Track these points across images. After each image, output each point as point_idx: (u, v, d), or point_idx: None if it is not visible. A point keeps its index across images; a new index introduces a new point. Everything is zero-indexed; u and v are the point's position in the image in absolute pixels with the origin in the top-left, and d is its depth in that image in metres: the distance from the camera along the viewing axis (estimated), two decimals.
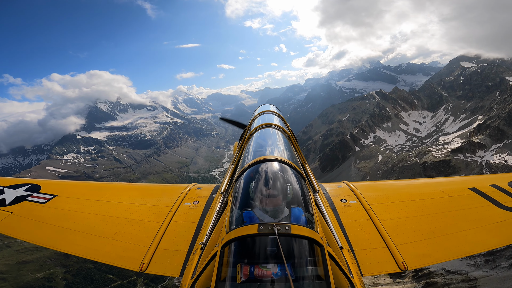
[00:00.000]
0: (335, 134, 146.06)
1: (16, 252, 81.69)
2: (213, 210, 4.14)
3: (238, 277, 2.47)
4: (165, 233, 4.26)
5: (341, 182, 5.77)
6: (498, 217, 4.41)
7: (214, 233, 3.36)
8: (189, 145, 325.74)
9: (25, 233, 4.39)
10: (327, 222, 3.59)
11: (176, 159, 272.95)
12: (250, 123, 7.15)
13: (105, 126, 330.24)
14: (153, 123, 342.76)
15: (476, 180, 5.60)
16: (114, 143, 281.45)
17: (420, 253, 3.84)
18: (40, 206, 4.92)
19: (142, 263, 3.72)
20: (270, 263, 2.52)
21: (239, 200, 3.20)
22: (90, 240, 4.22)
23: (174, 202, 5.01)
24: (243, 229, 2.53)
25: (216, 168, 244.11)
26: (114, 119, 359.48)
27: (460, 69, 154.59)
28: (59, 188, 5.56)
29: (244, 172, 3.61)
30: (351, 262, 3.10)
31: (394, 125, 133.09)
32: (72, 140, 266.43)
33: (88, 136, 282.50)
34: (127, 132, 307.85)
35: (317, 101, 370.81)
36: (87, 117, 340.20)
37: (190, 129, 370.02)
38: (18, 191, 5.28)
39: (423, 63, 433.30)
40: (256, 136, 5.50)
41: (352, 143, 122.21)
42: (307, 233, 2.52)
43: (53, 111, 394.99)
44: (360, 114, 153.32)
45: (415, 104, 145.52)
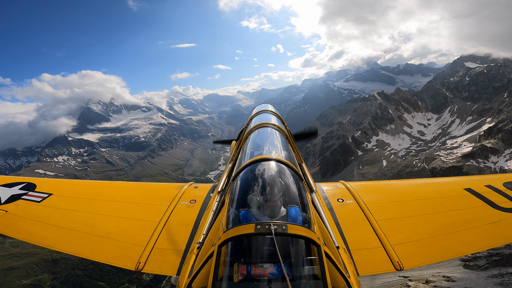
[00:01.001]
0: (335, 137, 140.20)
1: (2, 257, 78.83)
2: (210, 210, 4.17)
3: (235, 276, 2.49)
4: (162, 232, 4.26)
5: (338, 182, 5.75)
6: (493, 218, 4.44)
7: (211, 233, 3.40)
8: (184, 147, 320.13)
9: (21, 232, 4.39)
10: (324, 222, 3.62)
11: (170, 161, 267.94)
12: (248, 123, 7.15)
13: (98, 128, 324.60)
14: (148, 125, 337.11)
15: (471, 181, 5.62)
16: (106, 145, 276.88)
17: (416, 253, 3.90)
18: (35, 205, 4.90)
19: (138, 262, 3.73)
20: (267, 262, 2.54)
21: (236, 199, 3.23)
22: (86, 239, 4.21)
23: (171, 201, 4.98)
24: (240, 229, 2.55)
25: (211, 171, 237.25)
26: (107, 120, 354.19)
27: (465, 69, 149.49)
28: (54, 186, 5.51)
29: (241, 172, 3.65)
30: (347, 262, 3.13)
31: (398, 128, 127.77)
32: (63, 142, 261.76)
33: (80, 137, 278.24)
34: (120, 134, 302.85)
35: (314, 102, 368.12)
36: (79, 118, 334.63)
37: (186, 131, 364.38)
38: (13, 189, 5.26)
39: (421, 64, 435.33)
40: (253, 136, 5.49)
41: (354, 146, 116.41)
42: (304, 232, 2.54)
43: (44, 112, 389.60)
44: (361, 116, 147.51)
45: (419, 105, 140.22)
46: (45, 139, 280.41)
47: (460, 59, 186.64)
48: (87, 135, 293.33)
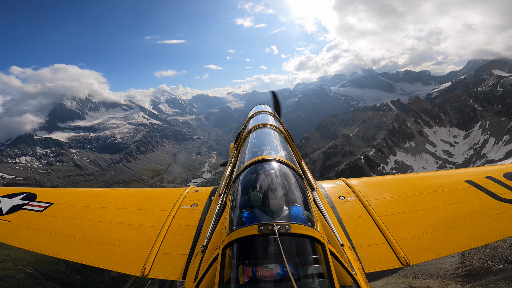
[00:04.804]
0: (340, 153, 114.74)
1: None
2: (212, 212, 4.27)
3: (241, 278, 2.50)
4: (165, 237, 4.36)
5: (338, 179, 5.80)
6: (495, 209, 4.50)
7: (214, 235, 3.46)
8: (166, 150, 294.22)
9: (24, 242, 4.50)
10: (327, 220, 3.67)
11: (149, 166, 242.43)
12: (246, 124, 7.26)
13: (70, 126, 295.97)
14: (127, 124, 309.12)
15: (472, 173, 5.69)
16: (77, 145, 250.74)
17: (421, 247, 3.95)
18: (37, 215, 5.00)
19: (144, 267, 3.80)
20: (272, 263, 2.55)
21: (237, 201, 3.26)
22: (90, 246, 4.30)
23: (173, 206, 5.08)
24: (243, 230, 2.58)
25: (194, 178, 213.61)
26: (82, 118, 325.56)
27: (495, 78, 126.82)
28: (55, 196, 5.64)
29: (242, 173, 3.71)
30: (353, 259, 3.18)
31: (419, 146, 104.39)
32: (28, 140, 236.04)
33: (48, 136, 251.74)
34: (94, 134, 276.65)
35: (308, 107, 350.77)
36: (49, 115, 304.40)
37: (169, 132, 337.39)
38: (14, 200, 5.38)
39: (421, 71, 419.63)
40: (252, 137, 5.62)
41: (368, 169, 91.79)
42: (308, 231, 2.57)
43: (10, 107, 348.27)
44: (373, 129, 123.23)
45: (442, 118, 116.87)
46: (8, 137, 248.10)
47: (486, 66, 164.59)
48: (57, 133, 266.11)
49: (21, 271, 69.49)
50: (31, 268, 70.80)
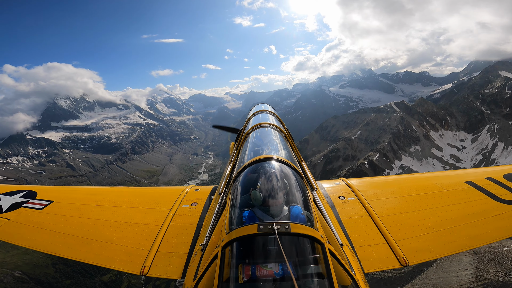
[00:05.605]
0: (342, 157, 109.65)
1: None
2: (212, 211, 4.27)
3: (240, 277, 2.51)
4: (165, 236, 4.37)
5: (338, 179, 5.81)
6: (495, 211, 4.51)
7: (214, 234, 3.47)
8: (162, 150, 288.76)
9: (24, 239, 4.52)
10: (326, 219, 3.68)
11: (144, 166, 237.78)
12: (246, 123, 7.25)
13: (64, 126, 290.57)
14: (122, 124, 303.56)
15: (472, 174, 5.71)
16: (71, 145, 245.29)
17: (420, 248, 3.96)
18: (37, 212, 5.01)
19: (143, 266, 3.81)
20: (271, 262, 2.56)
21: (237, 200, 3.28)
22: (89, 244, 4.32)
23: (173, 205, 5.09)
24: (243, 229, 2.58)
25: (190, 179, 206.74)
26: (76, 117, 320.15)
27: (503, 79, 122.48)
28: (55, 194, 5.64)
29: (242, 172, 3.71)
30: (352, 259, 3.19)
31: (425, 150, 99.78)
32: (20, 140, 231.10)
33: (41, 136, 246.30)
34: (89, 133, 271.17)
35: (307, 108, 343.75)
36: (42, 115, 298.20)
37: (165, 132, 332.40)
38: (14, 198, 5.39)
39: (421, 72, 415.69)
40: (252, 136, 5.60)
41: (373, 174, 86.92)
42: (307, 231, 2.57)
43: (2, 106, 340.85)
44: (376, 132, 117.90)
45: (448, 121, 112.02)
46: (0, 137, 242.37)
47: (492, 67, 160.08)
48: (50, 133, 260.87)
49: (9, 275, 66.08)
50: (19, 272, 67.00)
